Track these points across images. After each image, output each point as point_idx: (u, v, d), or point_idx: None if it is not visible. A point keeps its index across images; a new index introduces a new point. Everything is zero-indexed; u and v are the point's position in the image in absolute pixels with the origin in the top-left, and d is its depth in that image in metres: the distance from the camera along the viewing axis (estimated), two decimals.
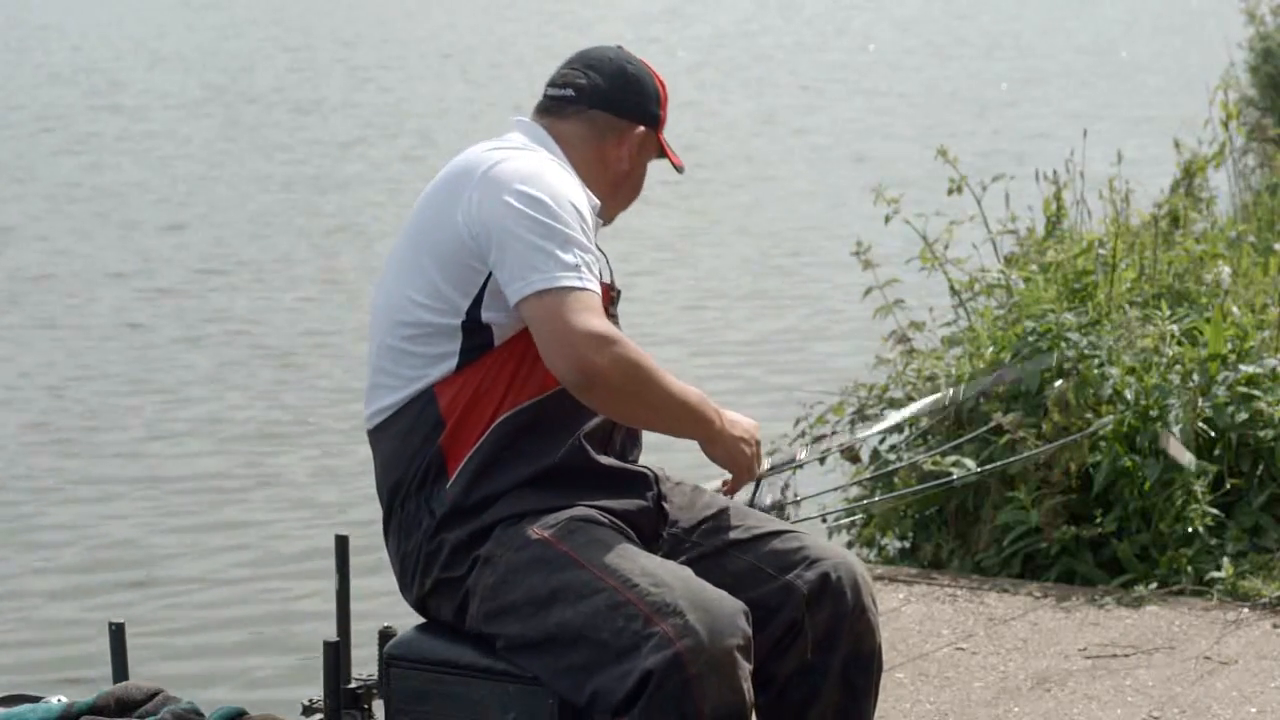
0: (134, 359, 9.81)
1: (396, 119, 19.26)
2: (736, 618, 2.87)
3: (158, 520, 7.45)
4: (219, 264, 12.14)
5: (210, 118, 19.37)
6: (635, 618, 2.84)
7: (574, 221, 3.01)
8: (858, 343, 8.88)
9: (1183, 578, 5.16)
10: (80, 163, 16.39)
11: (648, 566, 2.93)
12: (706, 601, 2.87)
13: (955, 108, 19.91)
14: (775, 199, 14.74)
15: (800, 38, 28.61)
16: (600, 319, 2.94)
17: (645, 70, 3.30)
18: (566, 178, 3.11)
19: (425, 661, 2.98)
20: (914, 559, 5.66)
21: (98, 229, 13.34)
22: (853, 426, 6.10)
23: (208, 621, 6.46)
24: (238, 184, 15.26)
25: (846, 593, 3.13)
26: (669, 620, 2.83)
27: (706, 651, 2.81)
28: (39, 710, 3.35)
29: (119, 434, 8.57)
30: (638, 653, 2.81)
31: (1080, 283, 6.01)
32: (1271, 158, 9.35)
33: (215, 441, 8.44)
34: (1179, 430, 5.35)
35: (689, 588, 2.89)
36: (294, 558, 6.96)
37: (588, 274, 2.97)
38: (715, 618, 2.84)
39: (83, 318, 10.71)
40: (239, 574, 6.88)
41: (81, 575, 6.89)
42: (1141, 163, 9.03)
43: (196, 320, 10.65)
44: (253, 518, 7.45)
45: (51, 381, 9.39)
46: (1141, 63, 24.13)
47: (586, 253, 3.00)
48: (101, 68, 24.28)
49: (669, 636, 2.81)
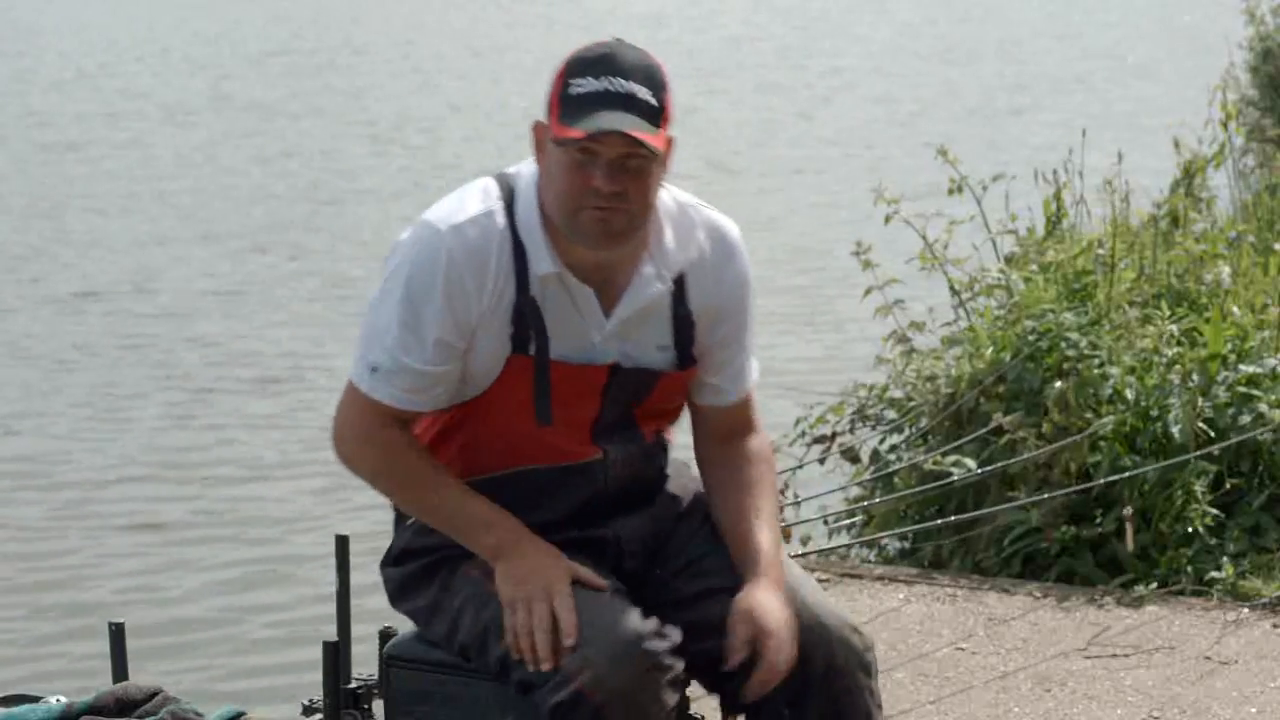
0: (140, 348, 9.82)
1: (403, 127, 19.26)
2: (643, 641, 2.76)
3: (158, 519, 7.45)
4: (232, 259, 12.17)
5: (197, 127, 19.35)
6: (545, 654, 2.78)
7: (401, 314, 2.84)
8: (857, 343, 8.88)
9: (1183, 578, 5.15)
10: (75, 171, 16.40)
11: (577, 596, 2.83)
12: (607, 629, 2.76)
13: (955, 108, 19.91)
14: (776, 198, 14.74)
15: (801, 39, 28.62)
16: (361, 420, 2.90)
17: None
18: (442, 243, 2.84)
19: (425, 662, 2.98)
20: (914, 559, 5.66)
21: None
22: (852, 427, 6.11)
23: (208, 621, 6.46)
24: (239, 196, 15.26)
25: (817, 654, 2.93)
26: (568, 656, 2.75)
27: (607, 682, 2.72)
28: (39, 710, 3.35)
29: (119, 432, 8.57)
30: (545, 689, 2.76)
31: (1080, 283, 6.01)
32: (1271, 158, 9.35)
33: (215, 441, 8.44)
34: (1179, 430, 5.35)
35: (592, 616, 2.79)
36: (294, 558, 6.96)
37: (379, 380, 2.87)
38: (618, 645, 2.74)
39: (96, 303, 10.72)
40: (239, 574, 6.88)
41: (81, 575, 6.89)
42: (1142, 163, 9.02)
43: (201, 320, 10.66)
44: (253, 517, 7.45)
45: (56, 358, 9.40)
46: (1142, 63, 24.13)
47: (391, 356, 2.85)
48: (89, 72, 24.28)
49: (569, 673, 2.74)
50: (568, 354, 2.92)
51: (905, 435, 5.96)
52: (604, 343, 2.94)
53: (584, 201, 2.81)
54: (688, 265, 2.98)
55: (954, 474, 5.41)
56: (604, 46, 2.84)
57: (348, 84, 22.34)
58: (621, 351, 2.95)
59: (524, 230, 2.88)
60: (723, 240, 3.02)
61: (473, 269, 2.85)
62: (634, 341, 2.96)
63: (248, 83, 22.34)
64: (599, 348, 2.94)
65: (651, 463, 3.07)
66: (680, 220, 2.99)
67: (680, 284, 2.98)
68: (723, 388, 3.08)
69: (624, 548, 3.01)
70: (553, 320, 2.91)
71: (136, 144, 17.43)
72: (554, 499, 2.98)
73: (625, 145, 2.78)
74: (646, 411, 3.02)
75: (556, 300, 2.91)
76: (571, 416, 2.95)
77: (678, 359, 3.00)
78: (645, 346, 2.97)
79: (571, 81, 2.80)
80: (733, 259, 3.02)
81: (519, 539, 2.90)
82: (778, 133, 18.44)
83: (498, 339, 2.89)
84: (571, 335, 2.92)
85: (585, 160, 2.79)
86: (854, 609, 5.06)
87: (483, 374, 2.92)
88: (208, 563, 7.01)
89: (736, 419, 3.12)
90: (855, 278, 6.73)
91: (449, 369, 2.90)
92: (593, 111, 2.76)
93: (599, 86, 2.78)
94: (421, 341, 2.86)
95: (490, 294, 2.86)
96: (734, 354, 3.07)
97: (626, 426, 3.01)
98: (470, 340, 2.88)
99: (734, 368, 3.08)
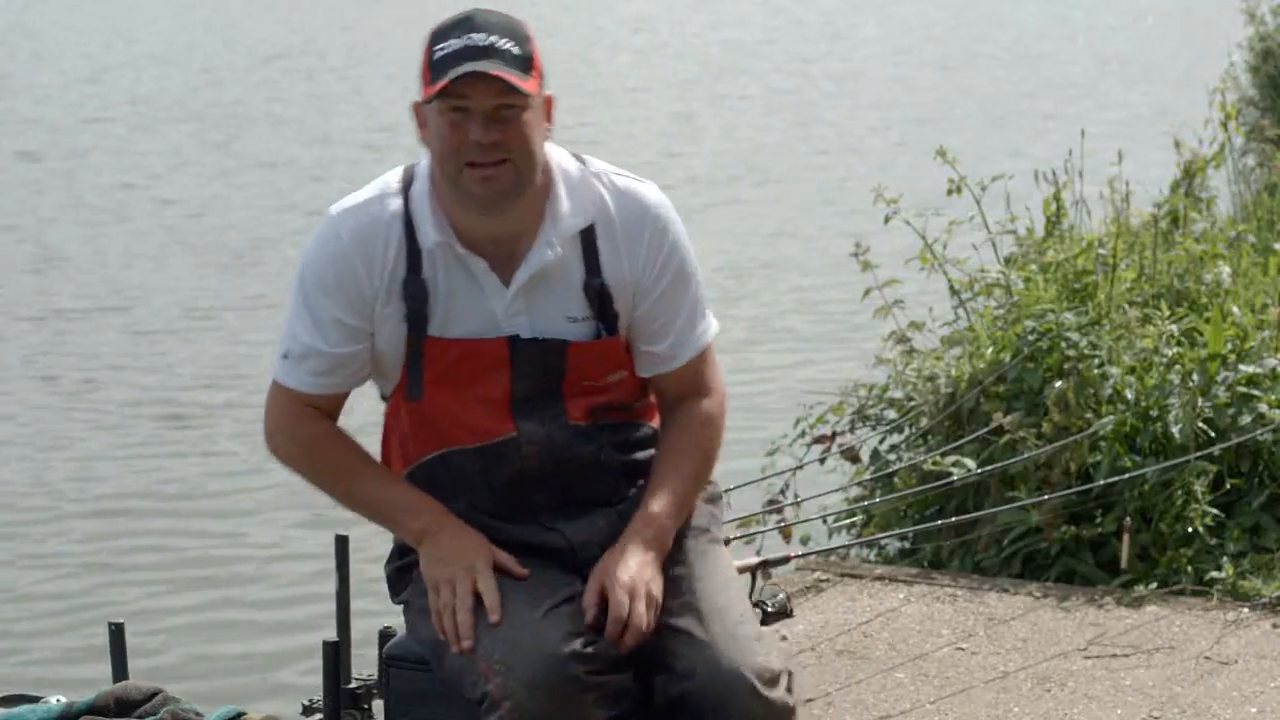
0: (147, 349, 9.83)
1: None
2: (562, 667, 2.71)
3: (157, 519, 7.45)
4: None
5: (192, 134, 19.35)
6: (480, 676, 2.76)
7: (302, 298, 2.93)
8: (859, 342, 8.88)
9: (1183, 578, 5.15)
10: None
11: (505, 613, 2.80)
12: (528, 655, 2.72)
13: (954, 109, 19.91)
14: (775, 199, 14.74)
15: (801, 39, 28.61)
16: (282, 413, 2.99)
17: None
18: (334, 227, 2.92)
19: (425, 662, 2.98)
20: (914, 559, 5.66)
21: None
22: (852, 427, 6.11)
23: (208, 622, 6.46)
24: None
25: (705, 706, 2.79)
26: (495, 680, 2.73)
27: (529, 711, 2.70)
28: (39, 710, 3.35)
29: (119, 432, 8.58)
30: (482, 710, 2.75)
31: (1080, 283, 6.01)
32: (1271, 158, 9.34)
33: (215, 439, 8.44)
34: (1179, 430, 5.35)
35: (515, 640, 2.75)
36: (293, 558, 6.96)
37: (289, 366, 2.95)
38: (536, 673, 2.70)
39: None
40: (239, 574, 6.89)
41: (81, 575, 6.89)
42: (1142, 162, 9.02)
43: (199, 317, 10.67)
44: (253, 517, 7.45)
45: (61, 371, 9.40)
46: (1142, 63, 24.13)
47: (296, 340, 2.93)
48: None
49: (495, 699, 2.73)
50: (471, 330, 2.91)
51: (905, 435, 5.95)
52: (508, 317, 2.92)
53: (463, 158, 2.81)
54: (598, 233, 2.93)
55: (954, 474, 5.40)
56: (464, 12, 2.86)
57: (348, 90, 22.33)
58: (527, 325, 2.92)
59: (415, 208, 2.91)
60: (636, 206, 2.96)
61: (360, 248, 2.90)
62: (539, 313, 2.93)
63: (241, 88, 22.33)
64: (503, 322, 2.92)
65: (581, 445, 2.97)
66: (580, 186, 2.94)
67: (592, 254, 2.94)
68: (663, 355, 3.01)
69: (579, 554, 2.94)
70: (451, 297, 2.91)
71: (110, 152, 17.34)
72: (474, 481, 2.96)
73: (496, 95, 2.78)
74: (574, 387, 2.96)
75: (452, 276, 2.91)
76: (485, 393, 2.93)
77: (596, 330, 2.95)
78: (552, 318, 2.93)
79: (435, 48, 2.83)
80: (648, 225, 2.96)
81: (442, 523, 2.91)
82: (778, 133, 18.44)
83: (395, 320, 2.92)
84: (472, 310, 2.92)
85: (459, 118, 2.80)
86: (854, 609, 5.06)
87: (391, 356, 2.95)
88: (208, 562, 7.01)
89: (685, 382, 3.04)
90: (855, 277, 6.73)
91: (352, 350, 2.93)
92: (456, 66, 2.79)
93: (460, 43, 2.81)
94: (319, 323, 2.91)
95: (380, 273, 2.89)
96: (669, 321, 2.99)
97: (550, 404, 2.95)
98: (371, 321, 2.92)
99: (672, 335, 3.01)
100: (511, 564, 2.87)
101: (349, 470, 3.00)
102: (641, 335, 3.00)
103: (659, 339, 3.00)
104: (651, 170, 3.31)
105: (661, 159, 16.17)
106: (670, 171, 15.22)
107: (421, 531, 2.92)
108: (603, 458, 2.99)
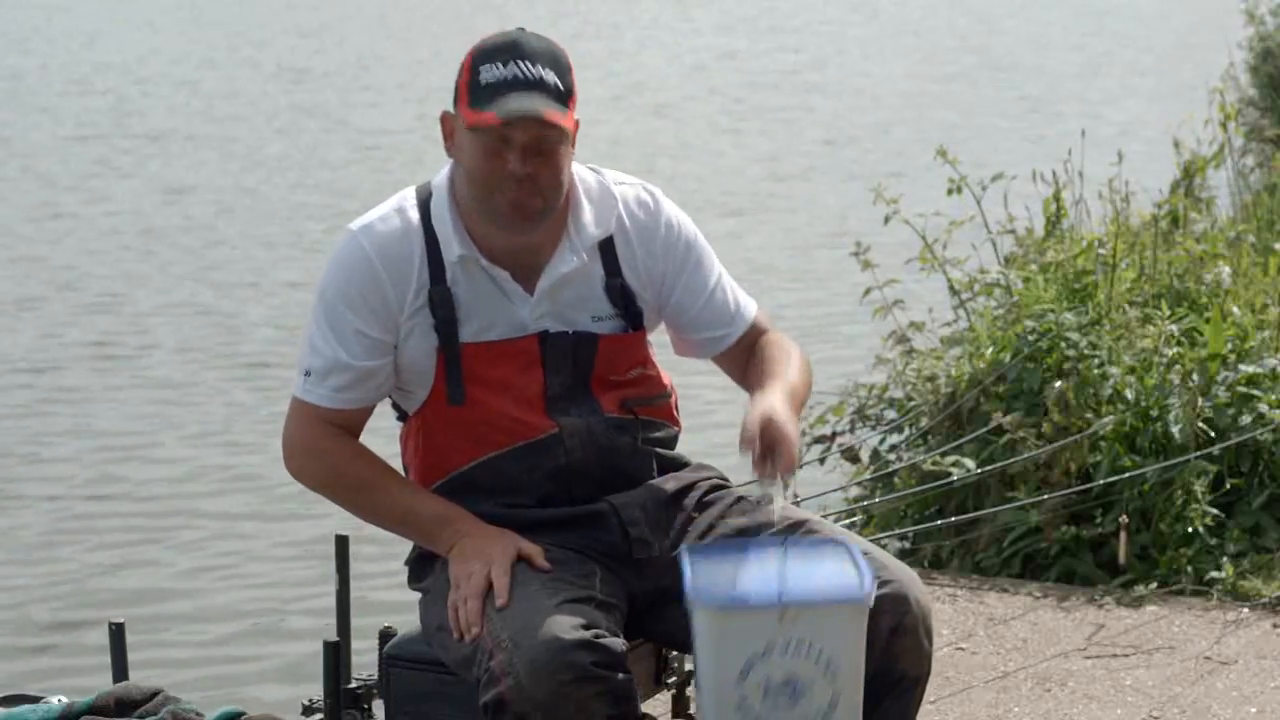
0: (133, 348, 9.83)
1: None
2: (567, 653, 2.70)
3: (157, 519, 7.45)
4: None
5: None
6: (485, 653, 2.78)
7: (324, 314, 2.98)
8: (859, 342, 8.88)
9: (1183, 578, 5.16)
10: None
11: (513, 596, 2.82)
12: (535, 636, 2.72)
13: (955, 110, 19.92)
14: (775, 199, 14.74)
15: (800, 41, 28.63)
16: (304, 431, 3.02)
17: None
18: (356, 241, 2.98)
19: (425, 661, 2.98)
20: (914, 559, 5.66)
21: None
22: (852, 427, 6.11)
23: (207, 621, 6.46)
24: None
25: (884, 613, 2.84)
26: (499, 657, 2.74)
27: (527, 691, 2.69)
28: (39, 710, 3.35)
29: (115, 433, 8.57)
30: (481, 686, 2.77)
31: (1080, 283, 6.01)
32: (1271, 158, 9.35)
33: (214, 439, 8.43)
34: (1179, 430, 5.35)
35: (527, 622, 2.75)
36: (293, 558, 6.96)
37: (311, 383, 2.99)
38: (540, 654, 2.70)
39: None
40: (239, 574, 6.88)
41: (81, 575, 6.89)
42: (1141, 163, 9.02)
43: (195, 316, 10.66)
44: (252, 517, 7.44)
45: (48, 371, 9.40)
46: (1142, 64, 24.13)
47: (319, 356, 2.98)
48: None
49: (496, 675, 2.74)
50: (501, 334, 2.98)
51: (905, 435, 5.96)
52: (535, 319, 2.99)
53: (499, 185, 2.89)
54: (616, 239, 3.04)
55: (954, 474, 5.41)
56: (509, 35, 2.93)
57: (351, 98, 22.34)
58: (554, 324, 3.00)
59: (437, 222, 2.98)
60: (646, 207, 3.09)
61: (384, 262, 2.96)
62: (565, 314, 3.01)
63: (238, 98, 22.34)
64: (530, 325, 2.99)
65: (619, 436, 3.04)
66: (601, 197, 3.05)
67: (611, 258, 3.04)
68: (720, 332, 3.14)
69: (622, 514, 3.01)
70: (477, 306, 2.97)
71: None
72: (518, 481, 3.00)
73: (537, 128, 2.86)
74: (602, 382, 3.03)
75: (476, 285, 2.98)
76: (520, 393, 2.98)
77: (623, 327, 3.04)
78: (579, 318, 3.02)
79: (480, 69, 2.89)
80: (660, 221, 3.09)
81: (470, 529, 2.95)
82: (777, 134, 18.44)
83: (423, 330, 2.97)
84: (500, 317, 2.98)
85: (499, 145, 2.88)
86: None
87: (419, 369, 2.99)
88: (208, 562, 7.00)
89: (753, 342, 3.16)
90: (855, 278, 6.73)
91: (375, 364, 2.98)
92: (503, 96, 2.85)
93: (508, 73, 2.87)
94: (343, 336, 2.96)
95: (405, 286, 2.96)
96: (709, 300, 3.12)
97: (582, 399, 3.02)
98: (396, 335, 2.97)
99: (719, 311, 3.13)
100: (537, 555, 2.91)
101: (373, 484, 3.03)
102: (687, 324, 3.13)
103: (712, 320, 3.12)
104: (651, 173, 3.32)
105: (662, 158, 16.17)
106: (666, 177, 15.24)
107: (452, 541, 2.96)
108: (640, 445, 3.07)
